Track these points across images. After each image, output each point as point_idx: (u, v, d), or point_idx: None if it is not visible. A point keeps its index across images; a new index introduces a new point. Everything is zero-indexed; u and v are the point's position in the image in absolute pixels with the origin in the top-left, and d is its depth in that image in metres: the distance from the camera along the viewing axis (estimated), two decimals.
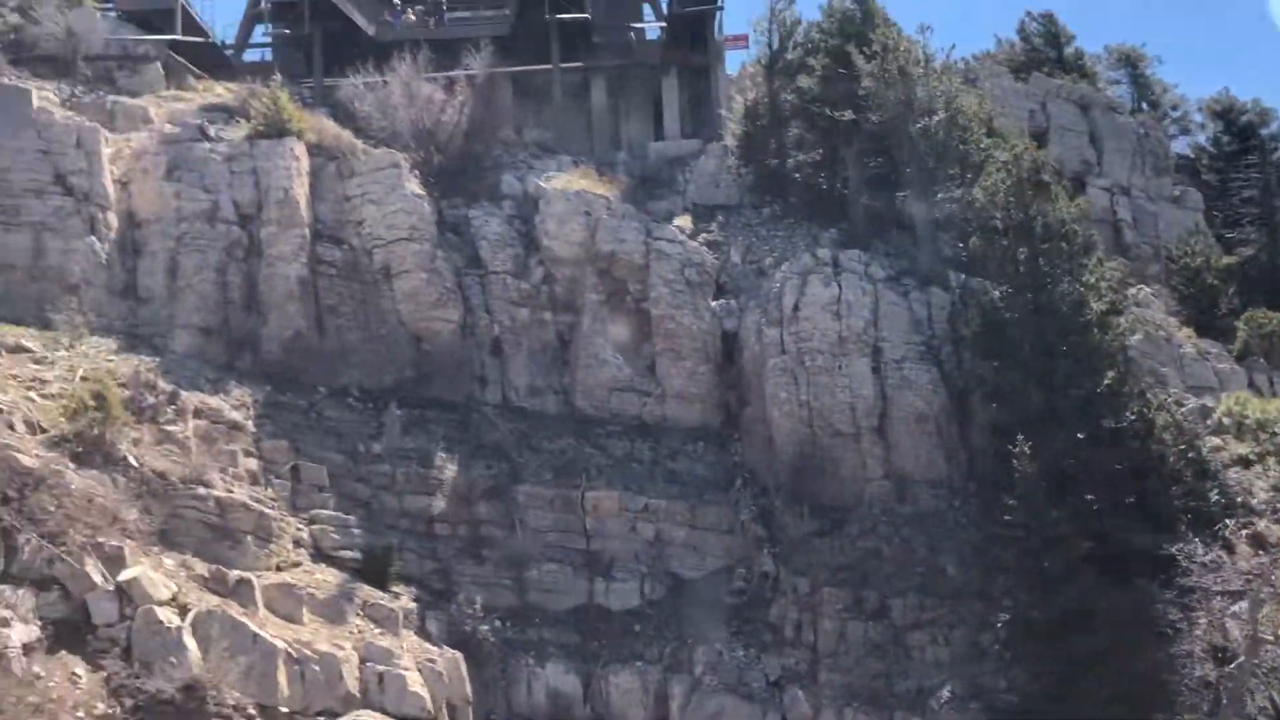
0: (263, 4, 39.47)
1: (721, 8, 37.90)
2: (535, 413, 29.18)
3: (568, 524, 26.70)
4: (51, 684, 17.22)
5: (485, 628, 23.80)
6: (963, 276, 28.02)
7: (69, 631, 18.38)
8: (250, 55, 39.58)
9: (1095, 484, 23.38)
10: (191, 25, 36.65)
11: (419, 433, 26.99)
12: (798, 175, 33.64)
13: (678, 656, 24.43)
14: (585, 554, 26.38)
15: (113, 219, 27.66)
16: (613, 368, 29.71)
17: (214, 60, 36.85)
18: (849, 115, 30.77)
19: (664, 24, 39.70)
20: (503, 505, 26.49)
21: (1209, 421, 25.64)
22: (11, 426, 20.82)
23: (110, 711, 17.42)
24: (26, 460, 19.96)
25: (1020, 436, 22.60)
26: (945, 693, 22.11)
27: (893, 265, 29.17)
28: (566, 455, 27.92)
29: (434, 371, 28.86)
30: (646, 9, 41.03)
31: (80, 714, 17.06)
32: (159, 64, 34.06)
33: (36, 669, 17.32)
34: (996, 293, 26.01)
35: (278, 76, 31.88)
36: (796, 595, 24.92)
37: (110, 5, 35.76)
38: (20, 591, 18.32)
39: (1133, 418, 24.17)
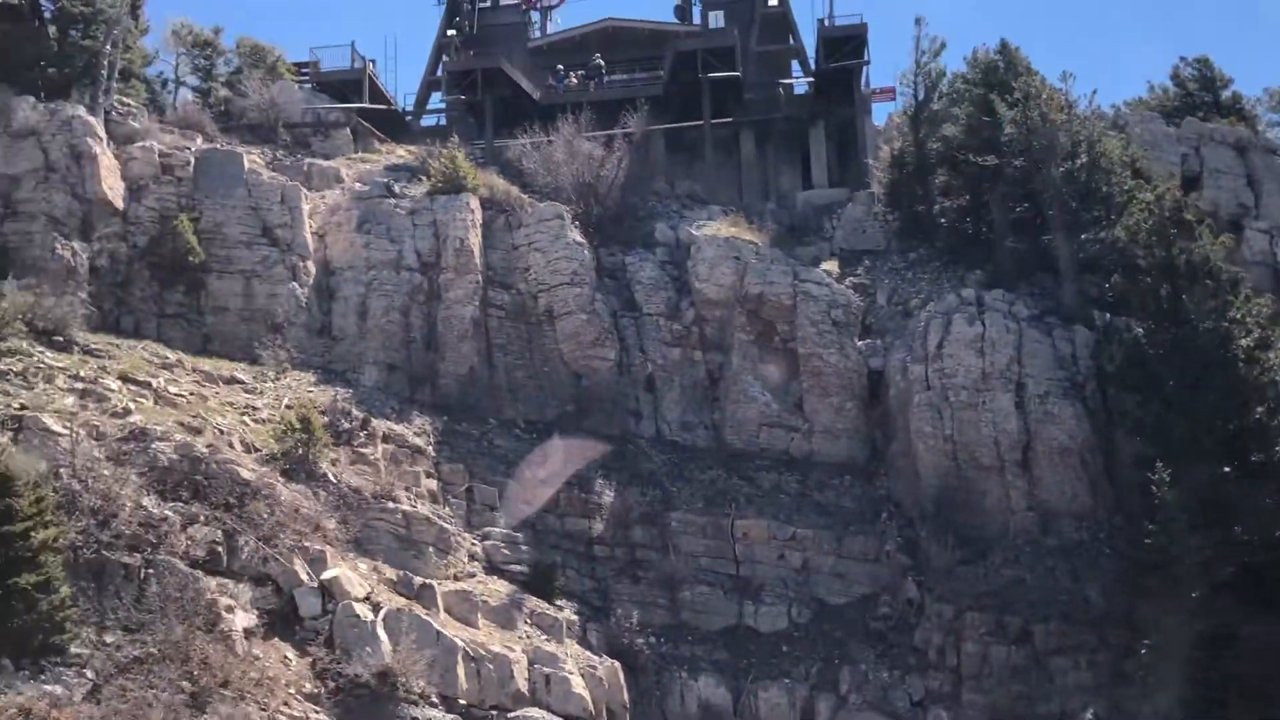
0: (438, 74, 43.44)
1: (868, 63, 39.77)
2: (687, 446, 31.00)
3: (718, 550, 28.34)
4: (267, 664, 19.84)
5: (641, 641, 25.59)
6: (1107, 315, 28.67)
7: (280, 621, 21.05)
8: (426, 120, 43.45)
9: (1244, 516, 23.69)
10: (376, 94, 40.64)
11: (580, 460, 29.11)
12: (943, 220, 34.85)
13: (824, 676, 25.65)
14: (735, 578, 27.93)
15: (311, 267, 31.03)
16: (761, 404, 31.36)
17: (395, 125, 40.64)
18: (992, 160, 31.96)
19: (811, 79, 41.73)
20: (657, 530, 28.34)
21: None
22: (230, 445, 23.89)
23: (316, 691, 19.89)
24: (245, 474, 22.96)
25: (1159, 464, 23.20)
26: (1088, 715, 22.69)
27: (1037, 305, 30.06)
28: (717, 485, 29.63)
29: (592, 406, 31.07)
30: (794, 65, 43.18)
31: (291, 691, 19.58)
32: (348, 129, 37.83)
33: (255, 651, 19.97)
34: (1140, 329, 26.65)
35: (455, 138, 35.10)
36: (940, 620, 25.85)
37: (306, 77, 40.00)
38: (240, 585, 21.13)
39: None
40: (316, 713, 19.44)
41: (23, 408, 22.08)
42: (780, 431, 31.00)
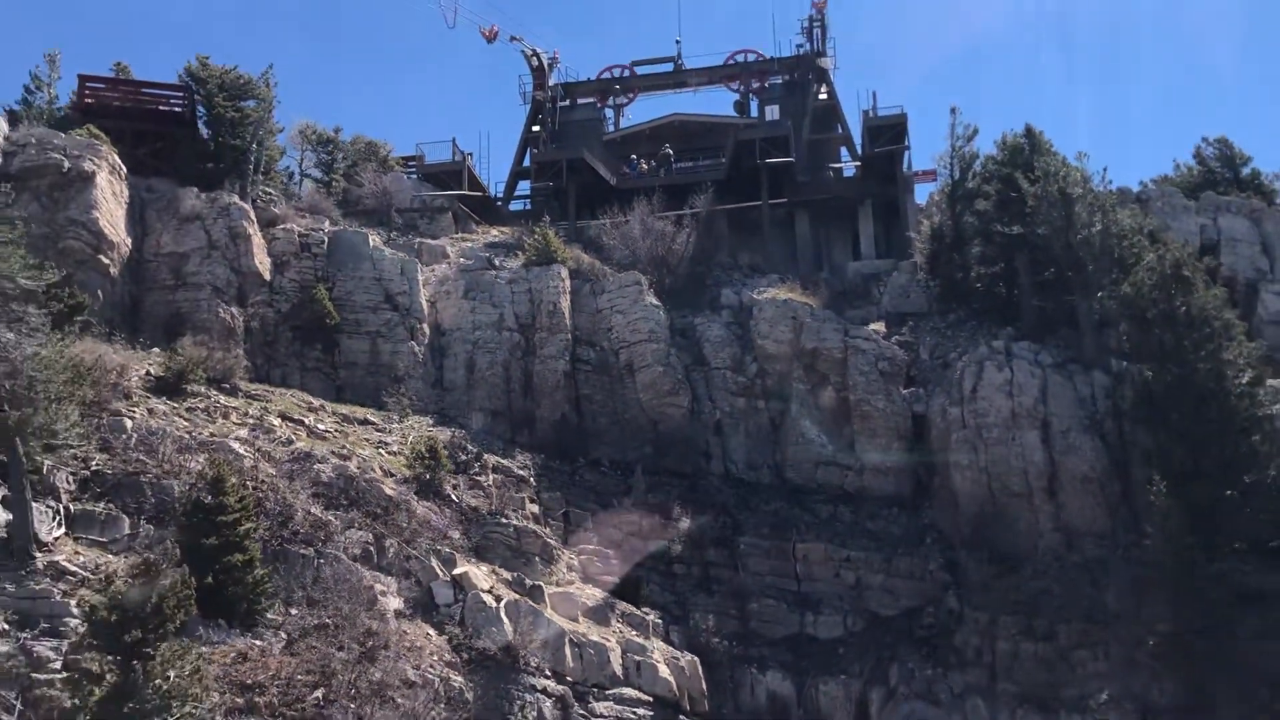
0: (525, 164, 49.50)
1: (908, 148, 45.07)
2: (751, 482, 35.66)
3: (782, 569, 32.77)
4: (415, 637, 24.63)
5: (716, 641, 30.01)
6: (1121, 362, 33.04)
7: (421, 607, 25.88)
8: (514, 204, 49.36)
9: (1237, 527, 27.73)
10: (472, 182, 46.61)
11: (659, 492, 33.89)
12: (978, 285, 39.50)
13: (875, 672, 29.79)
14: (796, 594, 32.30)
15: (426, 329, 36.52)
16: (817, 445, 35.99)
17: (488, 209, 46.56)
18: (1018, 230, 36.81)
19: (858, 163, 47.10)
20: (728, 551, 32.88)
21: None
22: (373, 469, 29.03)
23: (453, 660, 24.60)
24: (388, 490, 28.08)
25: (1157, 476, 27.47)
26: (1104, 697, 26.60)
27: (1060, 354, 34.53)
28: (779, 515, 34.16)
29: (668, 447, 35.88)
30: (843, 151, 48.62)
31: (434, 658, 24.32)
32: (450, 213, 43.78)
33: (404, 628, 24.79)
34: (1148, 372, 30.98)
35: (546, 218, 40.77)
36: (977, 625, 29.98)
37: (413, 168, 46.14)
38: (389, 577, 26.04)
39: (1274, 474, 28.45)
40: (455, 676, 24.09)
41: (211, 435, 27.44)
42: (835, 469, 35.56)
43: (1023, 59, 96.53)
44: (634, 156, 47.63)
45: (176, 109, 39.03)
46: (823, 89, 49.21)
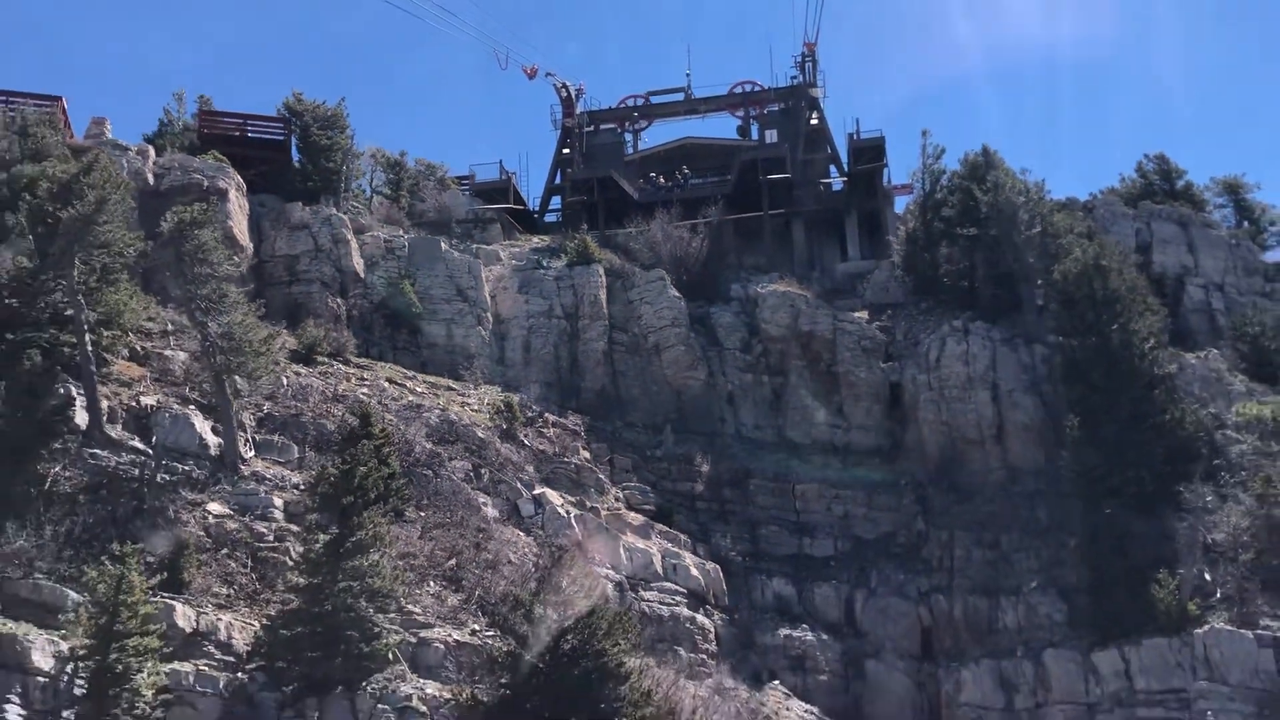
0: (558, 181, 58.53)
1: (887, 165, 54.23)
2: (758, 440, 44.51)
3: (784, 505, 41.59)
4: (509, 536, 33.39)
5: (733, 554, 38.84)
6: (1055, 336, 41.99)
7: (511, 517, 34.66)
8: (549, 216, 58.35)
9: (1144, 461, 36.55)
10: (516, 197, 55.61)
11: (683, 445, 42.75)
12: (945, 279, 48.40)
13: (859, 579, 38.66)
14: (796, 523, 41.12)
15: (489, 317, 45.39)
16: (812, 410, 44.87)
17: (527, 220, 55.55)
18: (975, 232, 45.94)
19: (845, 179, 56.24)
20: (740, 491, 41.73)
21: (1228, 420, 38.43)
22: (465, 419, 37.85)
23: (539, 553, 33.20)
24: (479, 434, 37.00)
25: (1076, 420, 36.44)
26: (1034, 584, 35.50)
27: (1007, 331, 43.55)
28: (781, 464, 43.01)
29: (689, 412, 44.70)
30: (832, 169, 57.75)
31: (526, 550, 33.06)
32: (498, 224, 52.73)
33: (501, 530, 33.53)
34: (1074, 342, 39.94)
35: (585, 226, 49.83)
36: (939, 541, 38.89)
37: (466, 186, 55.16)
38: (485, 496, 34.79)
39: (1167, 417, 37.42)
40: (539, 560, 32.78)
41: (342, 391, 36.31)
42: (825, 428, 44.45)
43: (991, 89, 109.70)
44: (654, 174, 56.68)
45: (278, 137, 48.02)
46: (814, 115, 58.30)
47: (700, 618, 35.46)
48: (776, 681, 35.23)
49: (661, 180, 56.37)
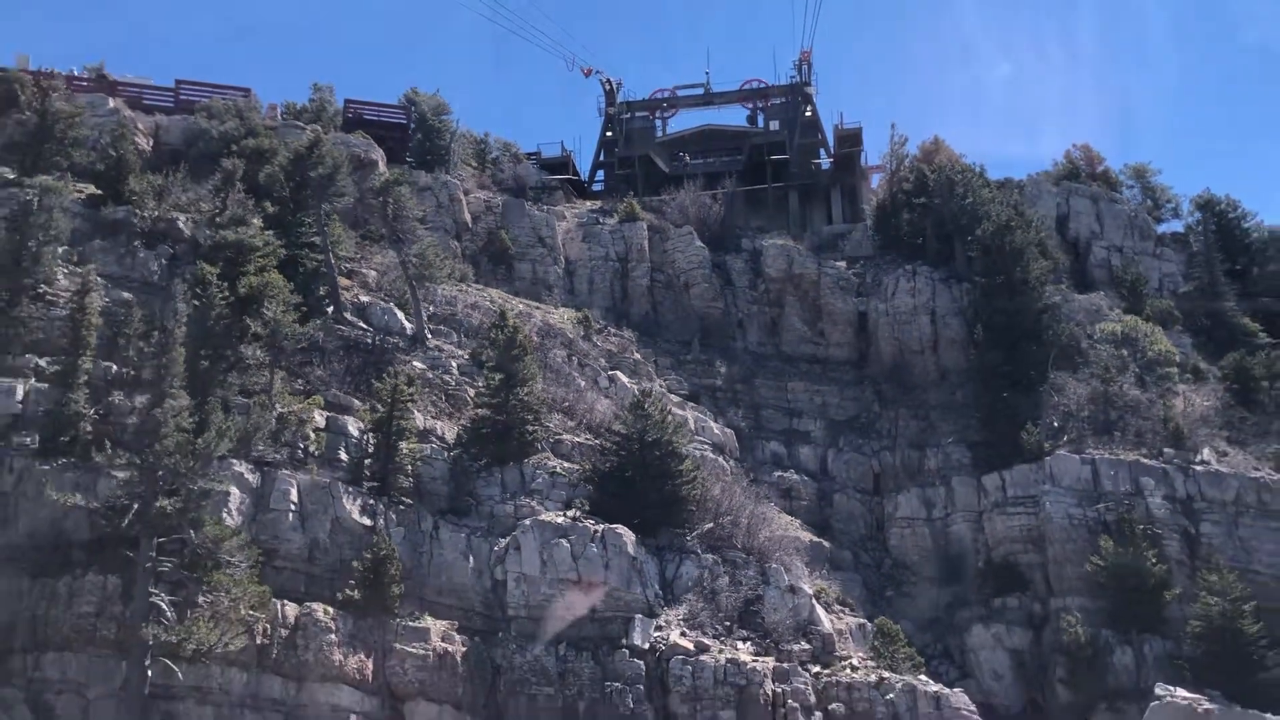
0: (602, 158, 77.45)
1: (864, 149, 73.53)
2: (762, 354, 63.61)
3: (779, 397, 60.75)
4: (597, 398, 52.46)
5: (743, 424, 57.96)
6: (977, 277, 61.03)
7: (596, 388, 53.61)
8: (595, 186, 77.31)
9: (1028, 360, 55.61)
10: (573, 169, 74.60)
11: (706, 354, 61.81)
12: (905, 238, 67.54)
13: (830, 443, 57.85)
14: (788, 408, 60.28)
15: (562, 259, 64.40)
16: (801, 333, 63.99)
17: (578, 188, 74.54)
18: (924, 201, 65.07)
19: (831, 159, 75.38)
20: (748, 386, 60.85)
21: (1094, 335, 57.54)
22: (555, 325, 56.69)
23: (620, 411, 52.16)
24: (569, 333, 55.91)
25: (982, 331, 55.66)
26: (950, 439, 54.77)
27: (945, 274, 62.79)
28: (778, 369, 62.19)
29: (710, 333, 63.77)
30: (821, 151, 76.83)
31: (609, 410, 52.06)
32: (560, 191, 71.64)
33: (592, 396, 52.57)
34: (989, 280, 58.99)
35: (631, 193, 68.88)
36: (889, 419, 58.23)
37: (534, 160, 74.09)
38: (578, 372, 53.77)
39: (1051, 332, 56.58)
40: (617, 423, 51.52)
41: (474, 302, 55.21)
42: (810, 345, 63.65)
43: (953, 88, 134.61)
44: (681, 154, 75.72)
45: (401, 121, 66.84)
46: (808, 108, 77.29)
47: (721, 460, 54.46)
48: (773, 508, 54.34)
49: (686, 158, 75.45)
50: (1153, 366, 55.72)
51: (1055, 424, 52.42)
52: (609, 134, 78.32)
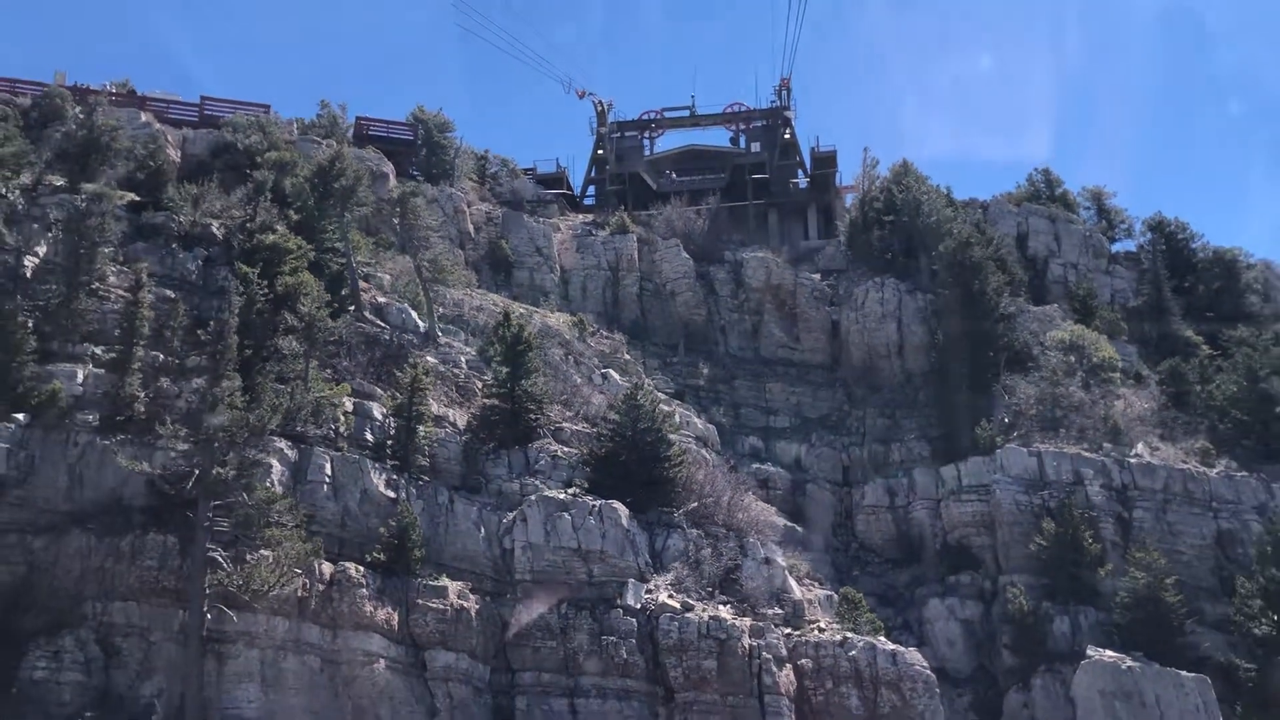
0: (593, 174, 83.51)
1: (838, 170, 79.87)
2: (742, 357, 69.60)
3: (758, 396, 66.80)
4: (592, 393, 58.26)
5: (724, 420, 63.82)
6: (940, 289, 67.22)
7: (592, 384, 59.45)
8: (587, 200, 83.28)
9: (985, 365, 61.80)
10: (567, 184, 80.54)
11: (690, 357, 67.65)
12: (875, 253, 73.72)
13: (803, 439, 63.81)
14: (765, 407, 66.28)
15: (558, 267, 70.30)
16: (778, 339, 70.01)
17: (572, 202, 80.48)
18: (894, 219, 71.30)
19: (809, 179, 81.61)
20: (728, 386, 66.88)
21: (1046, 342, 63.71)
22: (550, 325, 62.51)
23: (615, 403, 57.98)
24: (566, 334, 61.75)
25: (943, 337, 61.76)
26: (912, 435, 60.79)
27: (911, 285, 68.97)
28: (757, 371, 68.21)
29: (693, 337, 69.75)
30: (799, 172, 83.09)
31: (602, 405, 57.89)
32: (555, 204, 77.56)
33: (588, 390, 58.38)
34: (948, 291, 65.18)
35: (623, 207, 74.88)
36: (859, 417, 64.32)
37: (530, 175, 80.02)
38: (574, 369, 59.59)
39: (1005, 339, 62.76)
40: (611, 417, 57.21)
41: (478, 305, 60.94)
42: (786, 350, 69.72)
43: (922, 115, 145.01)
44: (668, 171, 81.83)
45: (408, 137, 72.64)
46: (787, 131, 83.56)
47: (705, 452, 60.23)
48: (750, 494, 60.14)
49: (673, 175, 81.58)
50: (1097, 371, 62.02)
51: (1006, 421, 58.51)
52: (600, 152, 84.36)
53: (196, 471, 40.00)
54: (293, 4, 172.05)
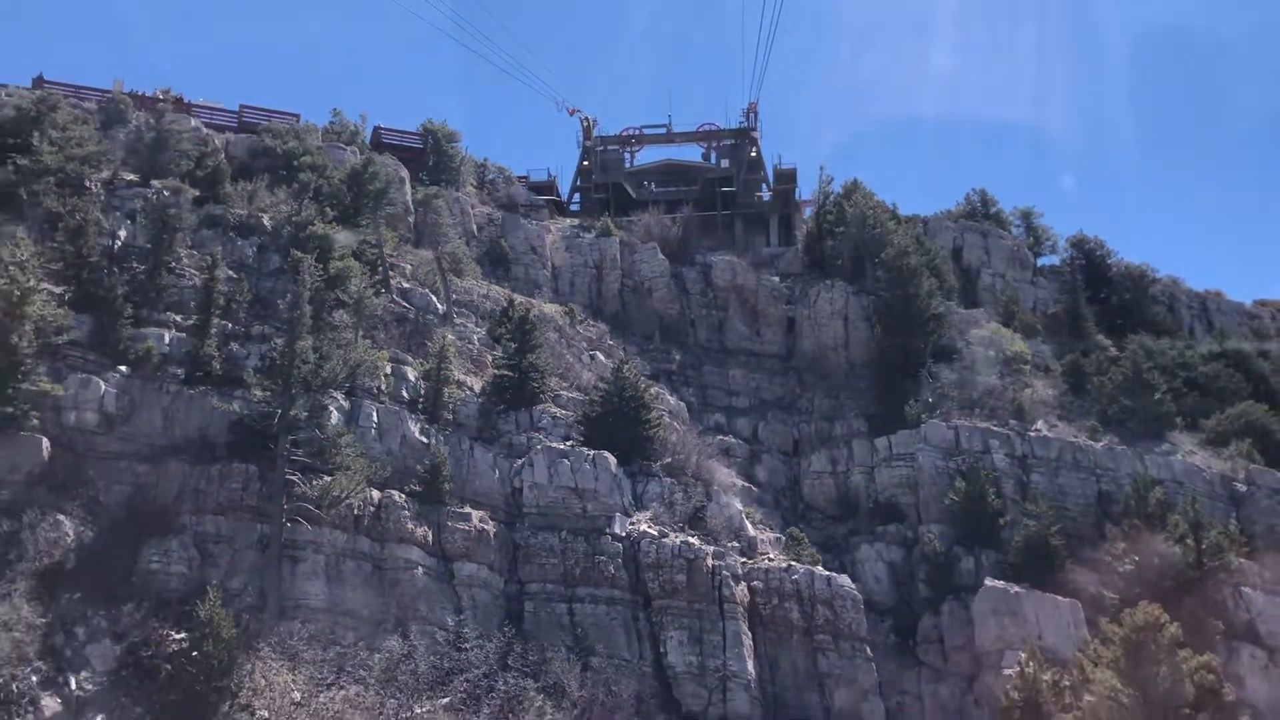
0: (578, 183, 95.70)
1: (798, 185, 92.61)
2: (709, 347, 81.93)
3: (722, 380, 79.16)
4: (582, 370, 70.32)
5: (692, 400, 76.03)
6: (881, 292, 79.80)
7: (582, 364, 71.49)
8: (573, 206, 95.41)
9: (915, 355, 74.44)
10: (556, 191, 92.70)
11: (664, 347, 79.90)
12: (828, 260, 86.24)
13: (761, 417, 76.10)
14: (728, 390, 78.71)
15: (550, 264, 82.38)
16: (741, 332, 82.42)
17: (561, 207, 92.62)
18: (841, 230, 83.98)
19: (771, 193, 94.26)
20: (697, 371, 79.18)
21: (970, 338, 76.36)
22: (543, 312, 74.50)
23: (600, 383, 70.01)
24: (559, 320, 73.85)
25: (880, 330, 74.43)
26: (852, 414, 73.33)
27: (857, 287, 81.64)
28: (722, 359, 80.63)
29: (667, 329, 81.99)
30: (764, 186, 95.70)
31: (591, 380, 69.97)
32: (545, 209, 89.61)
33: (580, 367, 70.44)
34: (889, 294, 77.75)
35: (607, 214, 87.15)
36: (809, 399, 76.78)
37: (524, 182, 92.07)
38: (568, 349, 71.60)
39: (934, 335, 75.61)
40: (600, 384, 69.16)
41: (484, 293, 72.88)
42: (748, 342, 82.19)
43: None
44: (647, 182, 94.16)
45: (419, 145, 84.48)
46: (753, 150, 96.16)
47: (676, 424, 72.28)
48: (713, 460, 72.35)
49: (651, 186, 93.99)
50: (1010, 363, 74.82)
51: (931, 401, 71.09)
52: (586, 163, 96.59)
53: (280, 411, 51.69)
54: (310, 20, 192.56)
